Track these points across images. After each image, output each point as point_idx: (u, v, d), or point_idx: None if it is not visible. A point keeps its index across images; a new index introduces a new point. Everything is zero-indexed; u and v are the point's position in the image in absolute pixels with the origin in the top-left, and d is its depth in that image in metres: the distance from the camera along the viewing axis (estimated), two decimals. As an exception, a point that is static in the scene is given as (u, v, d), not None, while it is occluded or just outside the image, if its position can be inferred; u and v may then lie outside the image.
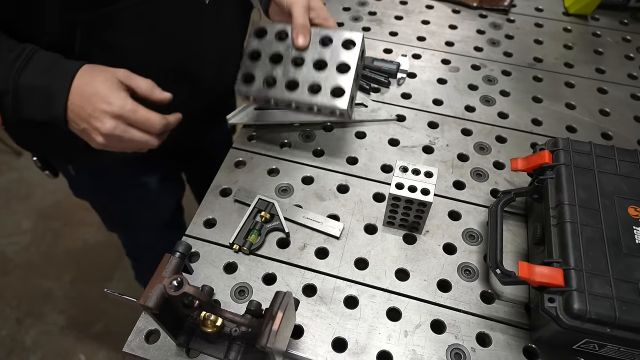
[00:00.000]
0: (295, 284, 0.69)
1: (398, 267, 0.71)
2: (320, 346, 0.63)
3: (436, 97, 0.95)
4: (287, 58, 0.76)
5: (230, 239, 0.72)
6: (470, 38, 1.09)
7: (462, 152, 0.86)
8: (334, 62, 0.74)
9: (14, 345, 1.67)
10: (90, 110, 0.63)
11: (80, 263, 1.87)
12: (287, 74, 0.76)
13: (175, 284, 0.52)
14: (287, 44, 0.76)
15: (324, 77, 0.74)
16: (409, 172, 0.69)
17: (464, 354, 0.62)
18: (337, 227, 0.74)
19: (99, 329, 1.72)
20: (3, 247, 1.93)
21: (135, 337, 0.63)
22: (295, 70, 0.75)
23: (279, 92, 0.76)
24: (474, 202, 0.79)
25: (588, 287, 0.55)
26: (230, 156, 0.86)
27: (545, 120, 0.91)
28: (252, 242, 0.72)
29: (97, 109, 0.63)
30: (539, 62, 1.03)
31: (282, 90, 0.75)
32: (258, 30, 0.78)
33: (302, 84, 0.75)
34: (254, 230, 0.73)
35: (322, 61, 0.75)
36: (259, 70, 0.77)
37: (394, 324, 0.65)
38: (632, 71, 1.01)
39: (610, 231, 0.60)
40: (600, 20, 1.15)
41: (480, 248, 0.73)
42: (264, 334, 0.51)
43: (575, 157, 0.68)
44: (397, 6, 1.17)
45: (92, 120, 0.63)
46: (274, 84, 0.76)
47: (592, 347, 0.58)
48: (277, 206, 0.75)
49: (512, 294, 0.68)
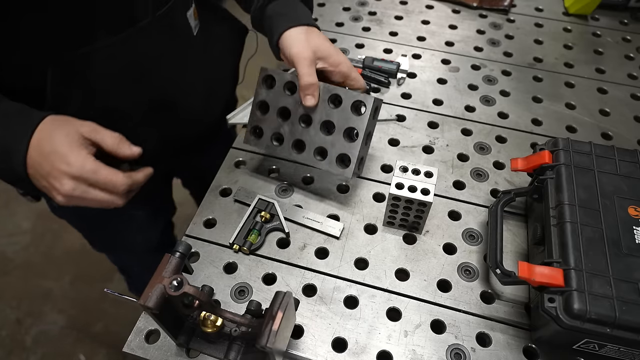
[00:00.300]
0: (295, 284, 0.69)
1: (398, 267, 0.71)
2: (320, 346, 0.63)
3: (436, 97, 0.95)
4: (295, 115, 0.73)
5: (230, 239, 0.72)
6: (470, 38, 1.09)
7: (462, 152, 0.86)
8: (342, 126, 0.70)
9: (14, 345, 1.67)
10: (48, 168, 0.59)
11: (80, 263, 1.87)
12: (295, 133, 0.74)
13: (175, 284, 0.52)
14: (295, 99, 0.73)
15: (330, 142, 0.71)
16: (409, 172, 0.69)
17: (464, 354, 0.62)
18: (337, 227, 0.74)
19: (99, 329, 1.71)
20: (3, 247, 1.93)
21: (135, 337, 0.63)
22: (302, 129, 0.73)
23: (286, 151, 0.75)
24: (474, 202, 0.79)
25: (588, 287, 0.55)
26: (230, 156, 0.86)
27: (545, 120, 0.91)
28: (252, 242, 0.72)
29: (55, 168, 0.59)
30: (539, 62, 1.03)
31: (290, 150, 0.74)
32: (267, 78, 0.75)
33: (309, 145, 0.73)
34: (254, 230, 0.73)
35: (329, 123, 0.72)
36: (267, 124, 0.76)
37: (394, 324, 0.65)
38: (632, 71, 1.01)
39: (610, 231, 0.60)
40: (600, 20, 1.15)
41: (480, 248, 0.73)
42: (264, 334, 0.51)
43: (575, 157, 0.68)
44: (397, 6, 1.17)
45: (51, 179, 0.60)
46: (282, 141, 0.75)
47: (592, 347, 0.58)
48: (277, 206, 0.75)
49: (512, 294, 0.68)
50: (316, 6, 1.16)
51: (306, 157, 0.74)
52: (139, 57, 0.70)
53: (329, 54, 0.72)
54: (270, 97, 0.75)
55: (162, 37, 0.72)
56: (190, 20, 0.76)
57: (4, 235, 1.96)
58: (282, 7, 0.75)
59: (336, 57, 0.73)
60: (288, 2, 0.76)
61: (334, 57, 0.73)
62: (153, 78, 0.74)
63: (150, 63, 0.72)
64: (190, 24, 0.77)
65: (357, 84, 0.75)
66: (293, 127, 0.74)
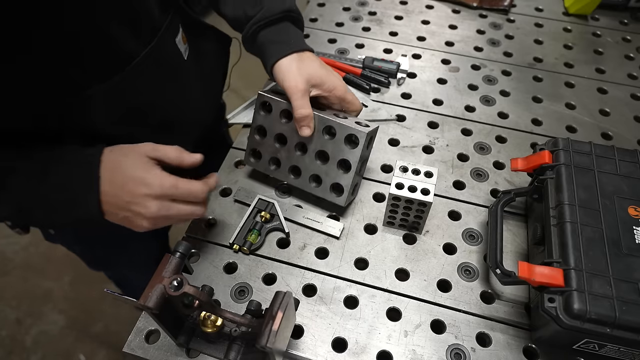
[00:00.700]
0: (295, 284, 0.69)
1: (398, 267, 0.71)
2: (320, 346, 0.63)
3: (436, 97, 0.95)
4: (292, 142, 0.75)
5: (230, 239, 0.72)
6: (470, 38, 1.09)
7: (462, 152, 0.86)
8: (336, 157, 0.72)
9: (14, 345, 1.67)
10: (128, 198, 0.59)
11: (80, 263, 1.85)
12: (291, 159, 0.76)
13: (175, 284, 0.52)
14: (291, 127, 0.73)
15: (325, 171, 0.73)
16: (409, 172, 0.69)
17: (464, 354, 0.62)
18: (337, 227, 0.74)
19: (99, 329, 1.71)
20: (3, 247, 1.93)
21: (135, 337, 0.63)
22: (298, 157, 0.75)
23: (283, 175, 0.77)
24: (474, 202, 0.78)
25: (588, 287, 0.55)
26: (230, 156, 0.86)
27: (545, 120, 0.91)
28: (252, 242, 0.72)
29: (135, 194, 0.59)
30: (539, 62, 1.03)
31: (287, 174, 0.77)
32: (264, 104, 0.76)
33: (305, 172, 0.75)
34: (254, 230, 0.73)
35: (324, 153, 0.73)
36: (265, 148, 0.78)
37: (394, 324, 0.65)
38: (632, 71, 1.01)
39: (610, 231, 0.60)
40: (600, 20, 1.15)
41: (480, 248, 0.73)
42: (264, 334, 0.51)
43: (575, 157, 0.68)
44: (397, 6, 1.17)
45: (133, 206, 0.59)
46: (279, 165, 0.77)
47: (592, 347, 0.58)
48: (277, 206, 0.75)
49: (512, 294, 0.68)
50: (316, 6, 1.16)
51: (302, 182, 0.76)
52: (135, 95, 0.69)
53: (323, 81, 0.72)
54: (267, 123, 0.76)
55: (156, 70, 0.71)
56: (179, 46, 0.76)
57: (4, 235, 1.96)
58: (273, 34, 0.75)
59: (330, 83, 0.72)
60: (279, 28, 0.75)
61: (327, 83, 0.72)
62: (151, 108, 0.74)
63: (146, 97, 0.72)
64: (180, 49, 0.76)
65: (353, 106, 0.75)
66: (289, 153, 0.76)
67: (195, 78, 0.83)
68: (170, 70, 0.75)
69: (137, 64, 0.66)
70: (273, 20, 0.75)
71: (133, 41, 0.65)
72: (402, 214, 0.71)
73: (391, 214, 0.72)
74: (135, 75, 0.66)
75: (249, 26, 0.75)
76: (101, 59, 0.62)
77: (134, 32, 0.64)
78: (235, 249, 0.72)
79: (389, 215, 0.73)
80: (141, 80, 0.68)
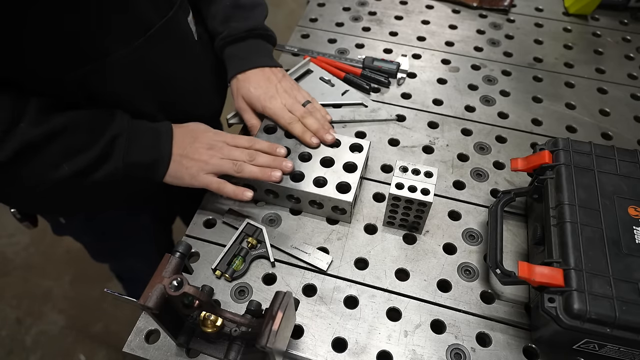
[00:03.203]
0: (295, 284, 0.69)
1: (398, 267, 0.71)
2: (320, 346, 0.63)
3: (436, 97, 0.95)
4: (295, 153, 0.77)
5: (213, 265, 0.69)
6: (470, 38, 1.09)
7: (462, 152, 0.86)
8: (341, 162, 0.76)
9: (14, 345, 1.67)
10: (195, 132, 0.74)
11: (80, 263, 1.87)
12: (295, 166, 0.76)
13: (175, 284, 0.52)
14: (295, 141, 0.79)
15: (330, 172, 0.75)
16: (409, 172, 0.69)
17: (464, 354, 0.62)
18: (324, 260, 0.70)
19: (99, 329, 1.72)
20: (3, 247, 1.93)
21: (135, 337, 0.63)
22: (302, 164, 0.76)
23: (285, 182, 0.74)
24: (474, 202, 0.79)
25: (588, 287, 0.55)
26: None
27: (545, 120, 0.91)
28: (235, 269, 0.68)
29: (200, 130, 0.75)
30: (539, 62, 1.03)
31: (287, 180, 0.74)
32: (268, 128, 0.81)
33: (308, 176, 0.74)
34: (238, 256, 0.70)
35: (329, 159, 0.76)
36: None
37: (394, 324, 0.65)
38: (632, 71, 1.01)
39: (610, 231, 0.60)
40: (600, 20, 1.15)
41: (480, 248, 0.73)
42: (264, 334, 0.51)
43: (575, 157, 0.68)
44: (397, 6, 1.17)
45: (199, 134, 0.73)
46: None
47: (592, 347, 0.58)
48: (264, 233, 0.72)
49: (512, 294, 0.68)
50: (316, 6, 1.16)
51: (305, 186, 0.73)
52: (150, 65, 0.72)
53: (252, 103, 0.81)
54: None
55: (170, 42, 0.74)
56: (191, 25, 0.79)
57: (4, 235, 1.96)
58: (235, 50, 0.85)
59: (259, 104, 0.80)
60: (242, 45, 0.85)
61: (256, 104, 0.81)
62: (164, 83, 0.76)
63: (160, 69, 0.74)
64: (192, 28, 0.80)
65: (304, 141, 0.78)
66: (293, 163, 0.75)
67: (205, 59, 0.87)
68: (183, 45, 0.78)
69: (153, 33, 0.69)
70: (237, 37, 0.84)
71: (152, 11, 0.69)
72: (402, 214, 0.71)
73: (391, 214, 0.72)
74: (152, 45, 0.70)
75: (217, 41, 0.85)
76: (124, 23, 0.65)
77: (153, 2, 0.68)
78: (217, 275, 0.69)
79: (389, 215, 0.73)
80: (156, 50, 0.71)
